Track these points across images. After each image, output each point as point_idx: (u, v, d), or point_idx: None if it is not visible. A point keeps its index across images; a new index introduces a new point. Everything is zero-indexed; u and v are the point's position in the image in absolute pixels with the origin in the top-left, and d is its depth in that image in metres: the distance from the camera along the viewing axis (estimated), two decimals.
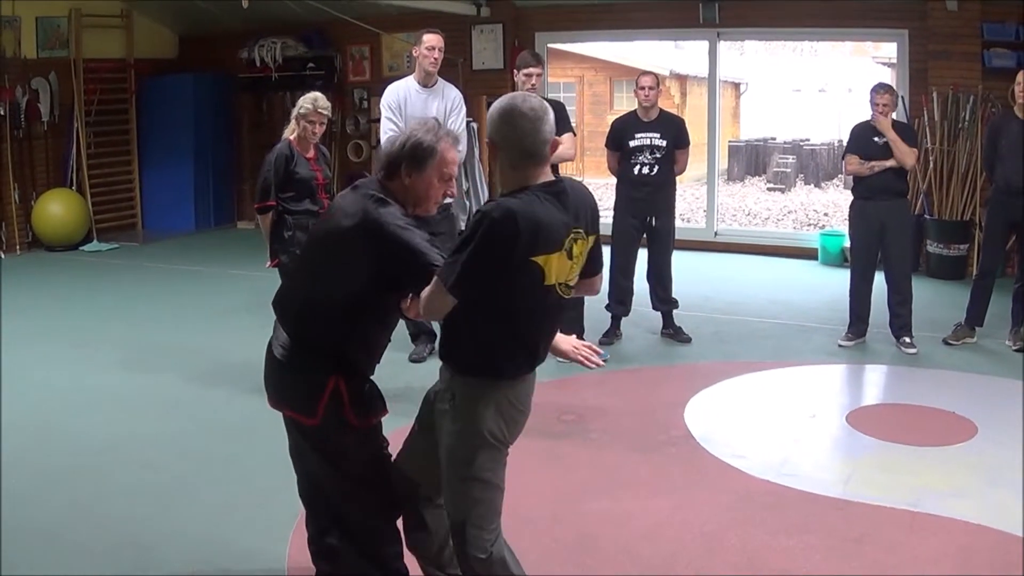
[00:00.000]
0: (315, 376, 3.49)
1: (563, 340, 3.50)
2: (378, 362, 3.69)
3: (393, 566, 3.70)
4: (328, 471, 3.60)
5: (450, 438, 3.36)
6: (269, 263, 6.72)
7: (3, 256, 11.63)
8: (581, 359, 3.50)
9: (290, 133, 6.58)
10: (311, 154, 6.62)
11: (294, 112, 6.54)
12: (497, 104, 3.30)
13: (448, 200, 4.16)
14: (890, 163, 7.44)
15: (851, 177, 8.02)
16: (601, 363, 3.55)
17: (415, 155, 3.45)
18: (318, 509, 3.73)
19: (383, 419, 3.70)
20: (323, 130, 6.60)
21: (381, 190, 3.49)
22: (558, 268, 3.24)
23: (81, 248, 12.29)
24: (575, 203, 3.30)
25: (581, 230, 3.30)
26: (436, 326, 7.04)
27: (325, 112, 6.50)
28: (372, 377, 3.69)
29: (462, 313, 3.24)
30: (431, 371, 3.67)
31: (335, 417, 3.49)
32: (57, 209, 12.12)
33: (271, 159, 6.49)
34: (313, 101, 6.47)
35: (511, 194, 3.22)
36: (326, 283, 3.49)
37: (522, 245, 3.11)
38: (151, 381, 7.05)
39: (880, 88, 7.64)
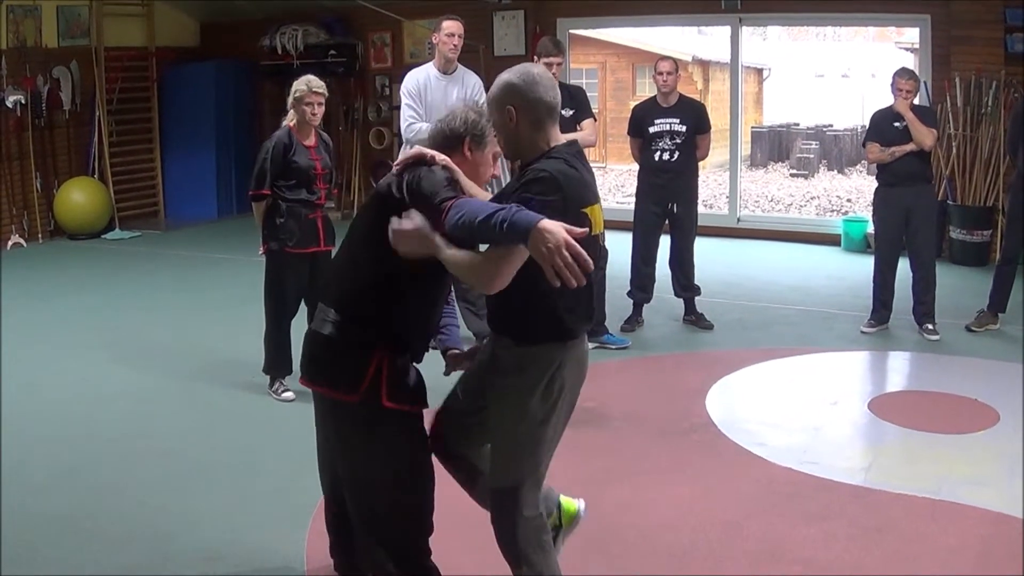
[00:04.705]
0: (361, 350, 3.34)
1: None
2: (427, 345, 3.56)
3: (423, 563, 3.51)
4: (363, 458, 3.40)
5: (517, 401, 3.38)
6: (261, 250, 6.66)
7: (25, 244, 11.68)
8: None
9: (290, 120, 6.36)
10: (311, 142, 6.38)
11: (290, 99, 6.30)
12: (514, 73, 3.55)
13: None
14: (910, 147, 7.40)
15: (874, 164, 7.98)
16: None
17: (478, 132, 3.51)
18: (353, 508, 3.52)
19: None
20: (323, 111, 6.33)
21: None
22: (600, 218, 3.45)
23: (103, 236, 12.34)
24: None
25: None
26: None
27: (321, 91, 6.23)
28: None
29: (521, 284, 3.22)
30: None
31: (377, 396, 3.32)
32: (79, 197, 12.16)
33: (268, 147, 6.31)
34: (307, 83, 6.21)
35: (547, 157, 3.35)
36: (362, 248, 3.41)
37: (571, 201, 3.27)
38: (172, 369, 7.09)
39: (903, 73, 7.62)
